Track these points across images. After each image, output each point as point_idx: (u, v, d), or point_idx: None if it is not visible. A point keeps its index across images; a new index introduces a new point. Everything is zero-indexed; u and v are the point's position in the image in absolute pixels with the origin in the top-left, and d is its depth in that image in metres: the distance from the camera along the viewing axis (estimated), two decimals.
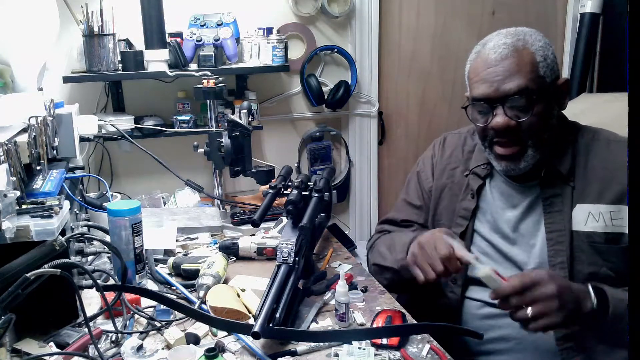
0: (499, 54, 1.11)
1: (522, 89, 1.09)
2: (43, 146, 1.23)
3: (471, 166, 1.28)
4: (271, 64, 2.07)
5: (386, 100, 2.47)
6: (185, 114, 2.04)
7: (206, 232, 1.67)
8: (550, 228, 1.15)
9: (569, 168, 1.16)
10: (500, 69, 1.11)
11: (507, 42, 1.12)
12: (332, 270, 1.43)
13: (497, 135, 1.15)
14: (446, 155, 1.37)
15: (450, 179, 1.33)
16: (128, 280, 1.22)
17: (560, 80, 1.15)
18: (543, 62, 1.11)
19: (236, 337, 1.09)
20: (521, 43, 1.12)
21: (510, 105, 1.11)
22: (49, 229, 1.00)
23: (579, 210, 1.14)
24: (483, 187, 1.27)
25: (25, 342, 1.02)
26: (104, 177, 1.86)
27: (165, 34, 1.91)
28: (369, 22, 2.32)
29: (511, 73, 1.10)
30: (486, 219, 1.25)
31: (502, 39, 1.14)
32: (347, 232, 2.43)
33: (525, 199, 1.20)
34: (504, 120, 1.11)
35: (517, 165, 1.16)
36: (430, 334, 1.09)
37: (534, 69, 1.10)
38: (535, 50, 1.11)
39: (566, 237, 1.14)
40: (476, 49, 1.19)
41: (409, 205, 1.42)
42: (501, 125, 1.12)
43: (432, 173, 1.38)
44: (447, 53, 2.46)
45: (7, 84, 1.45)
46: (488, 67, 1.12)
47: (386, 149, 2.54)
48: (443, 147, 1.39)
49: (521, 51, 1.11)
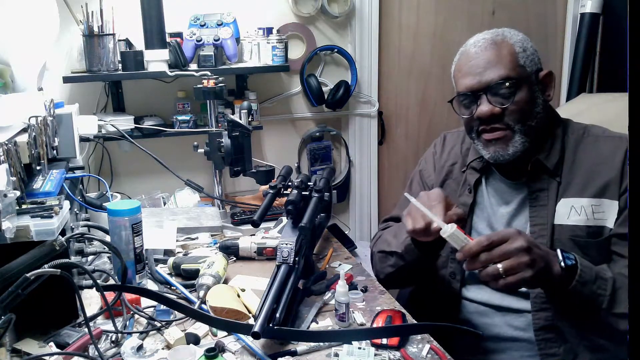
0: (479, 47, 1.18)
1: (504, 77, 1.14)
2: (43, 146, 1.23)
3: (468, 161, 1.30)
4: (271, 64, 2.07)
5: (386, 100, 2.47)
6: (185, 114, 2.04)
7: (206, 232, 1.67)
8: (534, 222, 1.18)
9: (555, 163, 1.18)
10: (481, 60, 1.16)
11: (487, 37, 1.19)
12: (332, 270, 1.43)
13: (482, 123, 1.18)
14: (446, 153, 1.40)
15: (449, 175, 1.36)
16: (128, 280, 1.22)
17: (543, 72, 1.19)
18: (522, 52, 1.16)
19: (236, 337, 1.09)
20: (500, 37, 1.18)
21: (494, 93, 1.15)
22: (49, 229, 1.00)
23: (562, 204, 1.16)
24: (480, 184, 1.29)
25: (25, 342, 1.02)
26: (104, 177, 1.86)
27: (165, 34, 1.91)
28: (369, 22, 2.32)
29: (492, 64, 1.15)
30: (483, 215, 1.27)
31: (482, 35, 1.21)
32: (347, 232, 2.43)
33: (518, 196, 1.23)
34: (488, 108, 1.15)
35: (505, 151, 1.17)
36: (430, 334, 1.09)
37: (514, 59, 1.15)
38: (513, 43, 1.17)
39: (547, 230, 1.16)
40: (460, 50, 1.25)
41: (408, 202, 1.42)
42: (485, 112, 1.16)
43: (434, 169, 1.41)
44: (447, 53, 2.46)
45: (7, 84, 1.45)
46: (470, 61, 1.18)
47: (386, 149, 2.54)
48: (443, 145, 1.42)
49: (500, 43, 1.17)
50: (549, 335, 1.14)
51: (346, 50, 2.30)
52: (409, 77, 2.48)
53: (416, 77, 2.49)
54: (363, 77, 2.37)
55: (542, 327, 1.15)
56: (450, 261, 1.29)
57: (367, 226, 2.55)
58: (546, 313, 1.14)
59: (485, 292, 1.23)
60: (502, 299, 1.21)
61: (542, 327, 1.15)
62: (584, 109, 1.94)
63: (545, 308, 1.14)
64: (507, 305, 1.20)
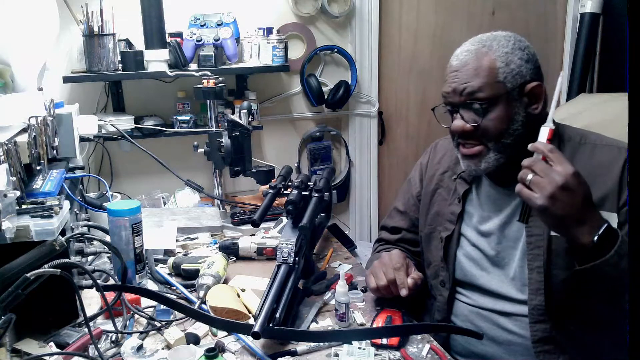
0: (460, 60, 1.16)
1: (476, 94, 1.12)
2: (43, 146, 1.23)
3: (458, 171, 1.29)
4: (271, 64, 2.07)
5: (386, 100, 2.47)
6: (185, 114, 2.04)
7: (206, 232, 1.67)
8: (530, 232, 1.15)
9: None
10: (460, 73, 1.15)
11: (472, 48, 1.16)
12: (332, 270, 1.43)
13: (458, 137, 1.18)
14: (436, 160, 1.39)
15: (440, 184, 1.34)
16: (128, 280, 1.22)
17: (530, 85, 1.13)
18: (504, 67, 1.12)
19: (236, 337, 1.09)
20: (484, 50, 1.14)
21: (467, 109, 1.14)
22: (49, 229, 1.00)
23: None
24: (470, 192, 1.27)
25: (25, 342, 1.02)
26: (104, 177, 1.86)
27: (165, 34, 1.91)
28: (369, 22, 2.32)
29: (467, 79, 1.13)
30: (473, 223, 1.25)
31: (468, 46, 1.18)
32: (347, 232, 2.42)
33: (511, 203, 1.20)
34: (459, 124, 1.15)
35: (477, 166, 1.17)
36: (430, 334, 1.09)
37: (492, 74, 1.12)
38: (496, 57, 1.13)
39: (544, 241, 1.13)
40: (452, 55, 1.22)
41: (395, 211, 1.46)
42: (457, 128, 1.16)
43: (420, 179, 1.41)
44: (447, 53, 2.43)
45: (7, 84, 1.45)
46: (451, 72, 1.18)
47: (386, 149, 2.54)
48: (434, 152, 1.41)
49: (481, 58, 1.13)
50: (548, 347, 1.13)
51: (346, 50, 2.31)
52: (409, 77, 2.48)
53: (416, 77, 2.49)
54: (363, 77, 2.37)
55: (540, 338, 1.13)
56: (440, 270, 1.28)
57: (367, 226, 2.56)
58: (544, 325, 1.13)
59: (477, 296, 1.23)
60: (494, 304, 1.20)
61: (540, 339, 1.13)
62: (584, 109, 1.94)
63: (543, 320, 1.13)
64: (499, 309, 1.19)
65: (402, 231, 1.42)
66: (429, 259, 1.33)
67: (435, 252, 1.30)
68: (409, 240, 1.41)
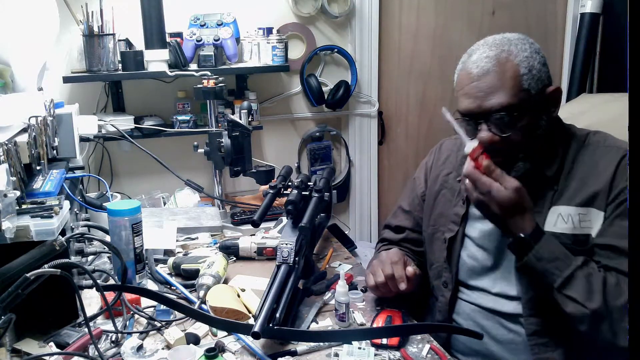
0: (481, 68, 1.10)
1: (505, 106, 1.08)
2: (43, 146, 1.23)
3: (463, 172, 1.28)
4: (271, 64, 2.07)
5: (386, 100, 2.47)
6: (185, 114, 2.04)
7: (206, 232, 1.67)
8: None
9: (554, 171, 1.15)
10: (482, 84, 1.09)
11: (490, 54, 1.10)
12: (332, 270, 1.43)
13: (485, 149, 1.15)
14: (441, 161, 1.38)
15: (444, 185, 1.34)
16: (128, 280, 1.22)
17: (550, 89, 1.12)
18: (527, 74, 1.09)
19: (236, 337, 1.09)
20: (505, 55, 1.10)
21: (494, 122, 1.10)
22: (49, 229, 1.00)
23: (552, 212, 1.13)
24: None
25: (25, 342, 1.02)
26: (104, 177, 1.86)
27: (165, 34, 1.91)
28: (369, 22, 2.32)
29: (493, 89, 1.08)
30: (477, 224, 1.25)
31: (486, 51, 1.11)
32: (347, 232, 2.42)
33: None
34: (488, 136, 1.11)
35: None
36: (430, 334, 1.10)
37: (517, 83, 1.08)
38: (519, 62, 1.09)
39: None
40: (463, 58, 1.17)
41: (400, 210, 1.45)
42: (485, 140, 1.11)
43: (425, 180, 1.40)
44: (447, 53, 2.46)
45: (7, 84, 1.45)
46: (471, 82, 1.11)
47: (386, 149, 2.53)
48: (439, 153, 1.41)
49: (504, 64, 1.09)
50: (543, 339, 1.13)
51: (346, 50, 2.30)
52: (409, 77, 2.48)
53: (416, 77, 2.49)
54: (363, 77, 2.37)
55: (534, 332, 1.13)
56: (443, 270, 1.28)
57: (367, 226, 2.55)
58: (537, 318, 1.13)
59: (480, 296, 1.23)
60: (497, 303, 1.20)
61: (535, 332, 1.13)
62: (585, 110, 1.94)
63: (535, 314, 1.13)
64: (501, 308, 1.19)
65: (406, 230, 1.42)
66: (432, 259, 1.33)
67: (438, 253, 1.30)
68: (413, 240, 1.41)
